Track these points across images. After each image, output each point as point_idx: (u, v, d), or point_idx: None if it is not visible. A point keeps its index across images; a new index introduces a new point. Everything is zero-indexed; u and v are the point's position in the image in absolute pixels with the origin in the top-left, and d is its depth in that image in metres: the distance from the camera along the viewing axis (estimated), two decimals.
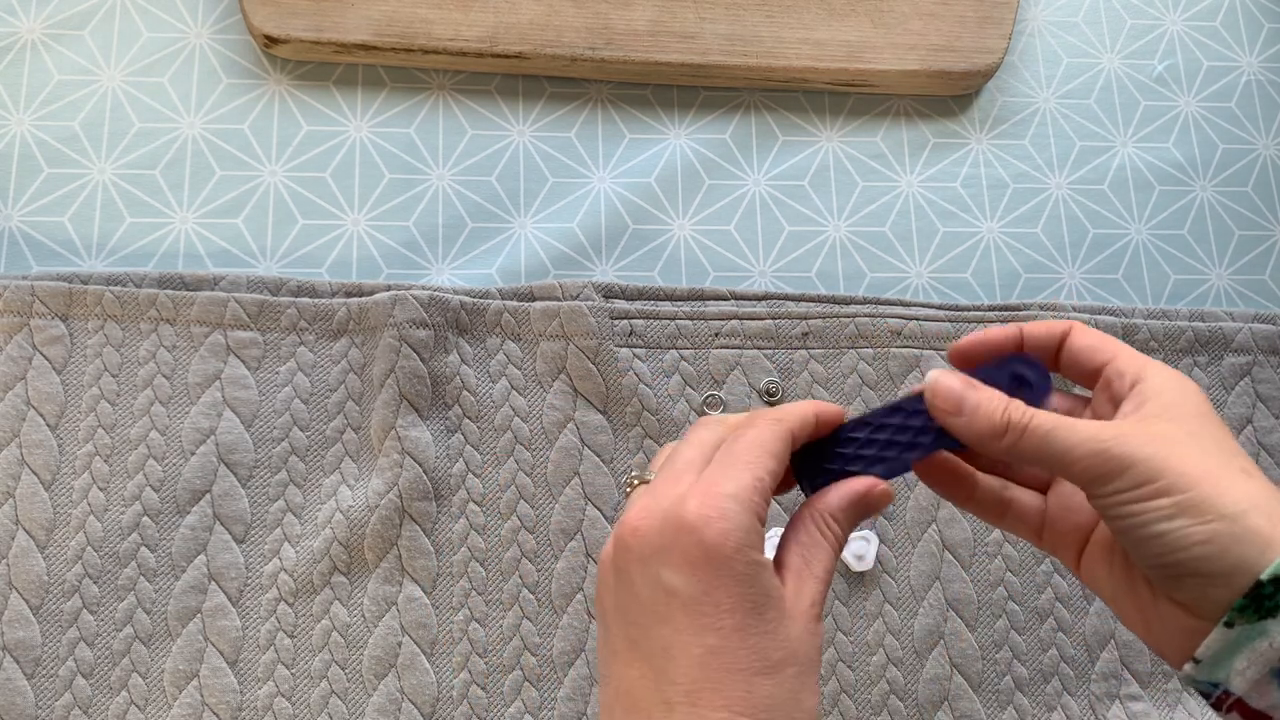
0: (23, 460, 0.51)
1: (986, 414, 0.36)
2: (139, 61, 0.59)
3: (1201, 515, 0.32)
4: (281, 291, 0.55)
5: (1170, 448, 0.34)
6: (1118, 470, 0.34)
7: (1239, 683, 0.32)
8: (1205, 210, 0.64)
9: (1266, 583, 0.31)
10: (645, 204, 0.60)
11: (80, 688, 0.49)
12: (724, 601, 0.33)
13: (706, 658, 0.33)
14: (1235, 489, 0.33)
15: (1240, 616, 0.32)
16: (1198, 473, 0.33)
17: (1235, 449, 0.34)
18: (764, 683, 0.33)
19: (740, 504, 0.34)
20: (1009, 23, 0.63)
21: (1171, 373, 0.36)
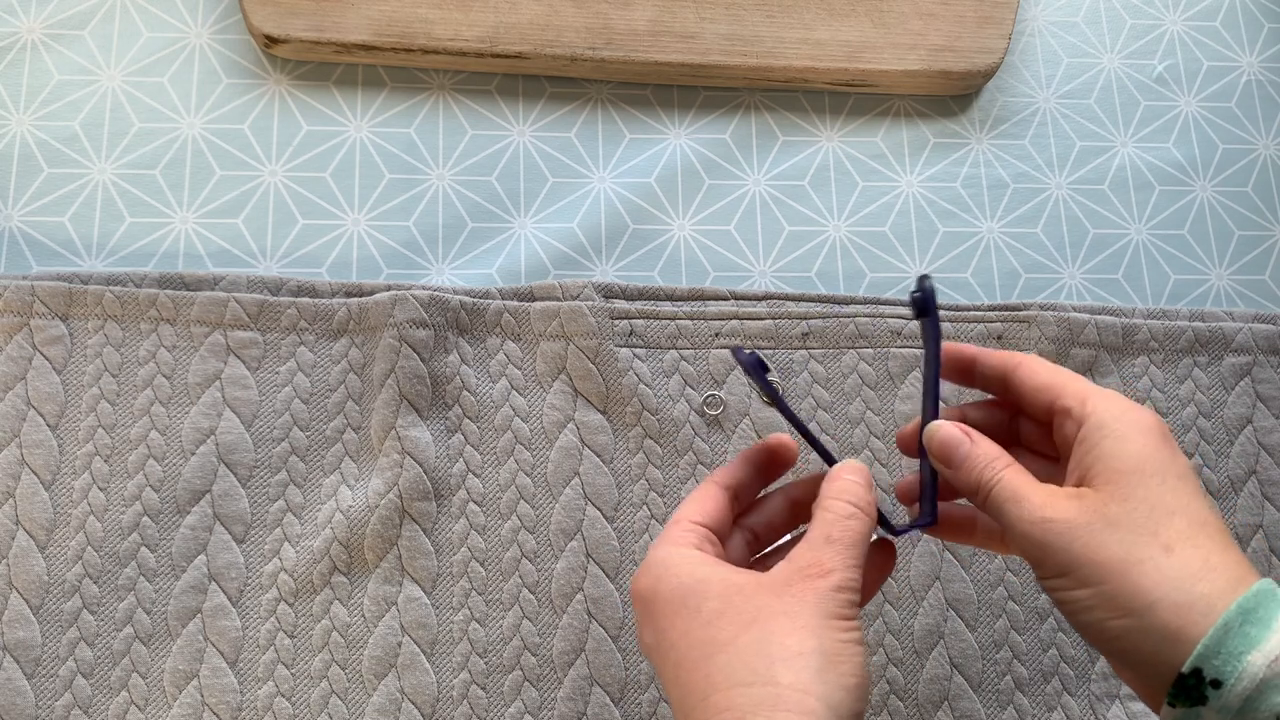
0: (23, 460, 0.51)
1: (968, 471, 0.38)
2: (139, 61, 0.59)
3: (1113, 611, 0.33)
4: (281, 291, 0.55)
5: (1090, 535, 0.34)
6: (1042, 559, 0.35)
7: None
8: (1205, 210, 0.64)
9: (1188, 674, 0.32)
10: (645, 204, 0.60)
11: (80, 688, 0.49)
12: (669, 627, 0.36)
13: (675, 673, 0.35)
14: (1147, 579, 0.33)
15: (1177, 700, 0.33)
16: (1112, 564, 0.33)
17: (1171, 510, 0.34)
18: (717, 660, 0.34)
19: (655, 548, 0.38)
20: (1009, 23, 0.63)
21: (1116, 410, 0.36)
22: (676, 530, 0.38)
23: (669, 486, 0.54)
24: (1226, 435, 0.58)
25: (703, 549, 0.38)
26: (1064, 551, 0.34)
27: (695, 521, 0.38)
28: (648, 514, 0.53)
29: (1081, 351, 0.57)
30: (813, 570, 0.35)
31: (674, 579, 0.36)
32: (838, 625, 0.34)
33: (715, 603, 0.35)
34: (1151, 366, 0.58)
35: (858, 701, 0.33)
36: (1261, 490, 0.57)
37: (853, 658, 0.34)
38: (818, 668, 0.33)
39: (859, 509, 0.37)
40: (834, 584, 0.35)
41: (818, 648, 0.33)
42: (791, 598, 0.35)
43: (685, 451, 0.54)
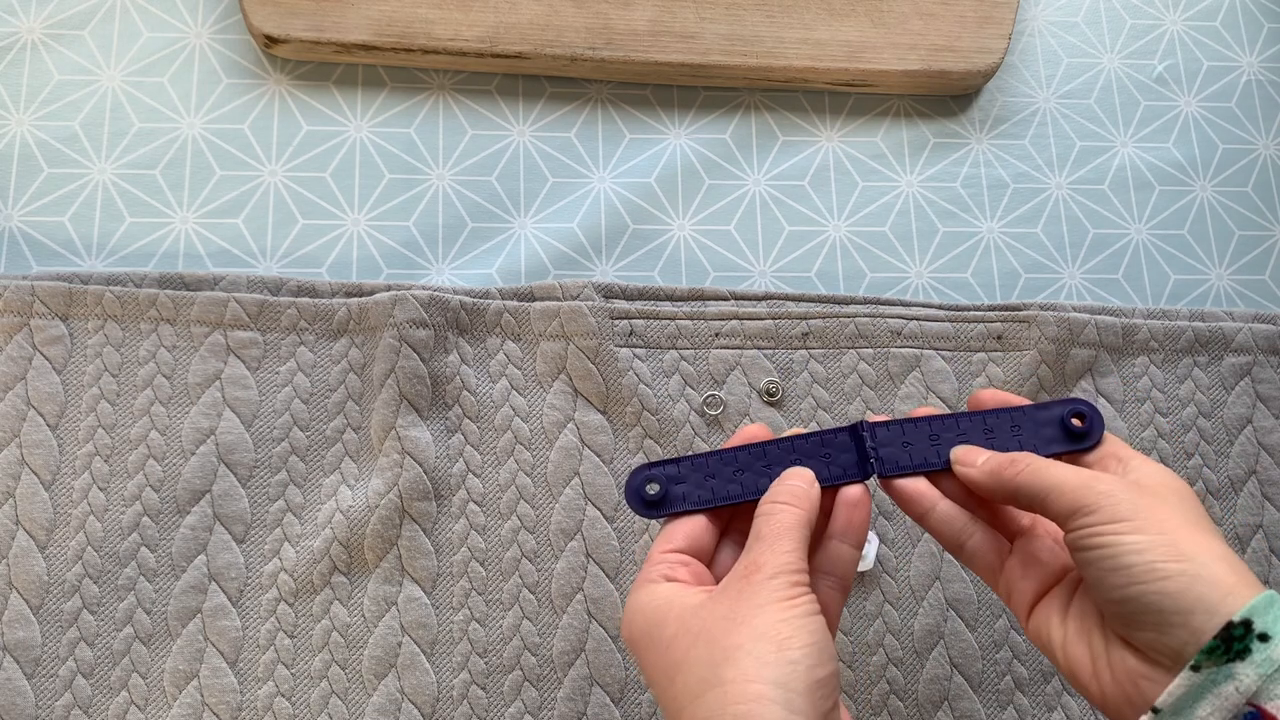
0: (23, 460, 0.51)
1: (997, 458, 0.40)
2: (139, 61, 0.59)
3: (1170, 556, 0.35)
4: (281, 291, 0.55)
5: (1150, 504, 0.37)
6: (1098, 504, 0.37)
7: None
8: (1205, 210, 0.64)
9: (1238, 624, 0.33)
10: (645, 204, 0.60)
11: (80, 688, 0.49)
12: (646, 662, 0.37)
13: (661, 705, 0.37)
14: (1203, 543, 0.35)
15: (1208, 659, 0.33)
16: (1173, 524, 0.36)
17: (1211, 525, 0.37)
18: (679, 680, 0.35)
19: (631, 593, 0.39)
20: (1009, 23, 0.63)
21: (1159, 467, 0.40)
22: (647, 568, 0.39)
23: None
24: (1226, 435, 0.58)
25: (674, 576, 0.39)
26: (1127, 501, 0.36)
27: (666, 551, 0.39)
28: None
29: (1081, 351, 0.57)
30: (746, 570, 0.37)
31: (642, 617, 0.38)
32: (776, 608, 0.35)
33: (672, 628, 0.36)
34: (1151, 366, 0.58)
35: (813, 669, 0.34)
36: (1261, 490, 0.57)
37: (797, 631, 0.35)
38: (758, 653, 0.34)
39: (785, 502, 0.39)
40: (767, 575, 0.36)
41: (754, 635, 0.34)
42: (732, 600, 0.36)
43: (685, 451, 0.54)
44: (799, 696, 0.33)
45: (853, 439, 0.42)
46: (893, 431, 0.42)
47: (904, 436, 0.42)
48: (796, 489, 0.40)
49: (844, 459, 0.42)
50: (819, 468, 0.41)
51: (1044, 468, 0.39)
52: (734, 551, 0.42)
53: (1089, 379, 0.57)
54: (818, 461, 0.41)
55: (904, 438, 0.42)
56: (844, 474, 0.41)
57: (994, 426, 0.42)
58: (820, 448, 0.42)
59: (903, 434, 0.42)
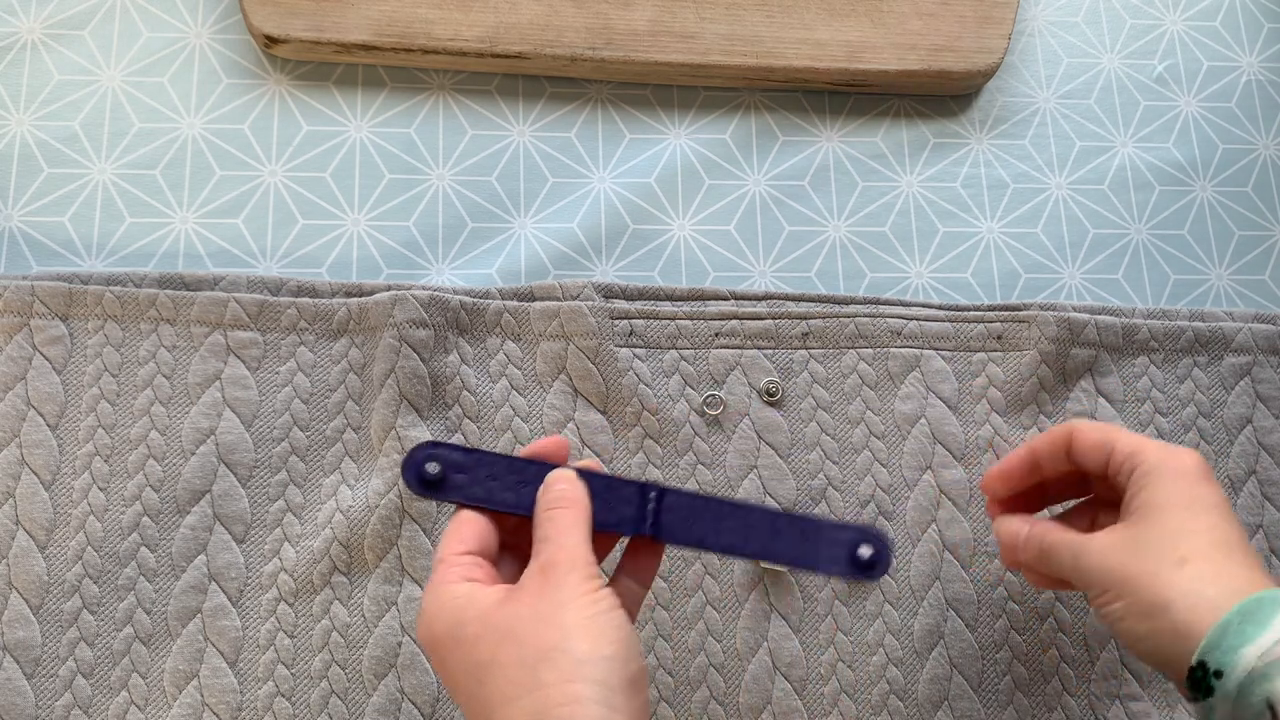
0: (23, 460, 0.51)
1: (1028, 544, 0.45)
2: (139, 61, 0.59)
3: (1139, 616, 0.38)
4: (281, 291, 0.55)
5: (1122, 555, 0.40)
6: (1087, 583, 0.41)
7: None
8: (1205, 210, 0.64)
9: (1195, 668, 0.36)
10: (645, 204, 0.60)
11: (80, 688, 0.49)
12: (448, 667, 0.36)
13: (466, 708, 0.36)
14: (1162, 587, 0.38)
15: (1194, 694, 0.36)
16: (1136, 576, 0.39)
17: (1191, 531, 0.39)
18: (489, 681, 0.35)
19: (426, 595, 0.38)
20: (1009, 23, 0.63)
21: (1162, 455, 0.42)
22: (440, 570, 0.38)
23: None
24: (1226, 435, 0.58)
25: (472, 576, 0.38)
26: (1100, 572, 0.40)
27: (457, 553, 0.39)
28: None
29: (1081, 351, 0.57)
30: (542, 568, 0.37)
31: (442, 616, 0.37)
32: (582, 602, 0.35)
33: (474, 626, 0.36)
34: (1151, 366, 0.58)
35: (627, 663, 0.34)
36: (1261, 490, 0.57)
37: (608, 625, 0.35)
38: (573, 652, 0.34)
39: (563, 506, 0.39)
40: (564, 570, 0.36)
41: (565, 633, 0.34)
42: (534, 597, 0.36)
43: (685, 451, 0.54)
44: (617, 694, 0.33)
45: (639, 496, 0.41)
46: (681, 502, 0.41)
47: (691, 512, 0.41)
48: (566, 493, 0.39)
49: (624, 511, 0.41)
50: (600, 508, 0.40)
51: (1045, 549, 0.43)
52: (513, 564, 0.41)
53: (1089, 379, 0.57)
54: (600, 502, 0.40)
55: (691, 513, 0.41)
56: (619, 525, 0.41)
57: (782, 529, 0.42)
58: (607, 490, 0.41)
59: (690, 509, 0.41)
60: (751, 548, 0.41)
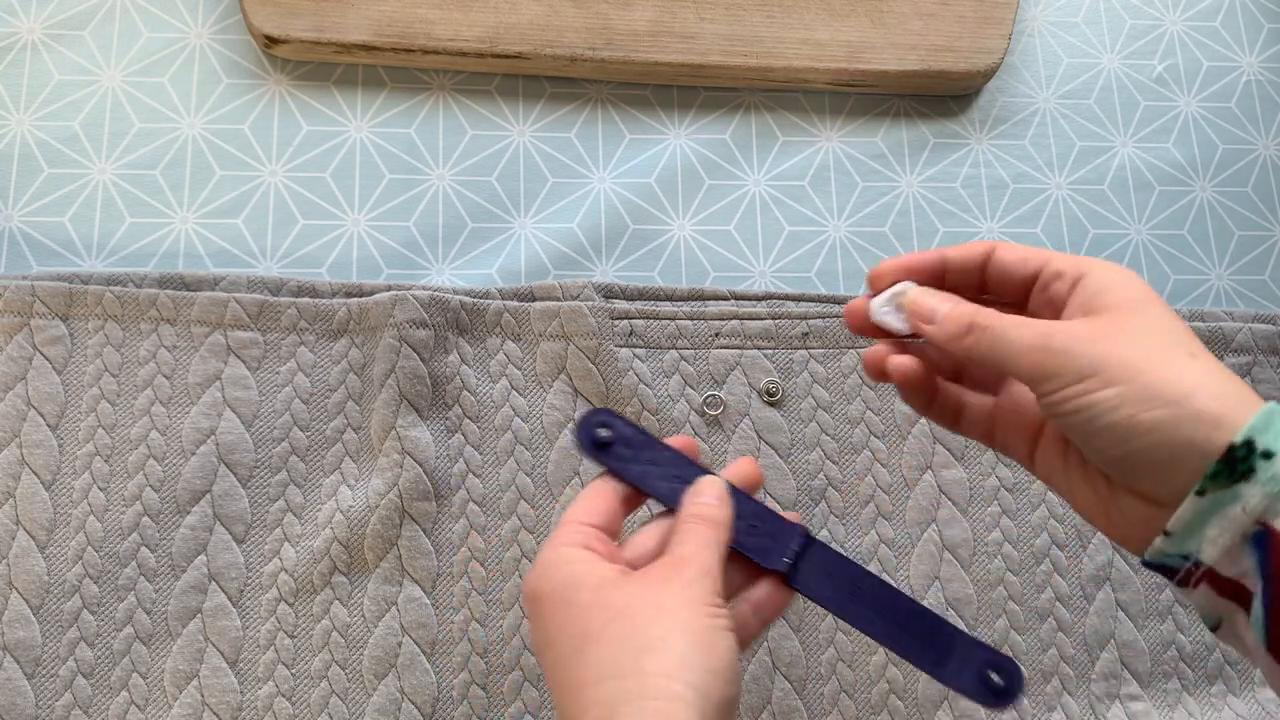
0: (23, 460, 0.51)
1: (956, 316, 0.37)
2: (139, 61, 0.59)
3: (1145, 404, 0.33)
4: (282, 291, 0.55)
5: (1113, 340, 0.34)
6: (1060, 366, 0.34)
7: (1210, 551, 0.33)
8: (1205, 210, 0.64)
9: (1240, 445, 0.32)
10: (645, 204, 0.60)
11: (80, 688, 0.49)
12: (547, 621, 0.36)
13: (553, 671, 0.36)
14: (1179, 374, 0.33)
15: (1213, 484, 0.32)
16: (1139, 362, 0.33)
17: (1182, 332, 0.35)
18: (588, 654, 0.34)
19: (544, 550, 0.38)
20: (1009, 23, 0.63)
21: (1111, 266, 0.37)
22: (564, 530, 0.38)
23: None
24: None
25: (590, 547, 0.38)
26: (1086, 355, 0.34)
27: (583, 522, 0.39)
28: (647, 514, 0.53)
29: None
30: (675, 561, 0.36)
31: (556, 575, 0.37)
32: (703, 610, 0.35)
33: (588, 594, 0.35)
34: None
35: (728, 685, 0.34)
36: None
37: (721, 642, 0.34)
38: (683, 652, 0.33)
39: (704, 518, 0.38)
40: (695, 572, 0.36)
41: (683, 631, 0.34)
42: (657, 586, 0.35)
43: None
44: (713, 709, 0.33)
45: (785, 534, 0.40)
46: (826, 557, 0.40)
47: (833, 570, 0.40)
48: (712, 510, 0.39)
49: (765, 542, 0.40)
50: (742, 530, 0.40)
51: (999, 336, 0.36)
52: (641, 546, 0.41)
53: None
54: (744, 525, 0.40)
55: (832, 572, 0.40)
56: (756, 553, 0.40)
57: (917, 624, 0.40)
58: (755, 515, 0.40)
59: (833, 568, 0.40)
60: (880, 631, 0.40)
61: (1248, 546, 0.32)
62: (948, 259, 0.40)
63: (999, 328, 0.36)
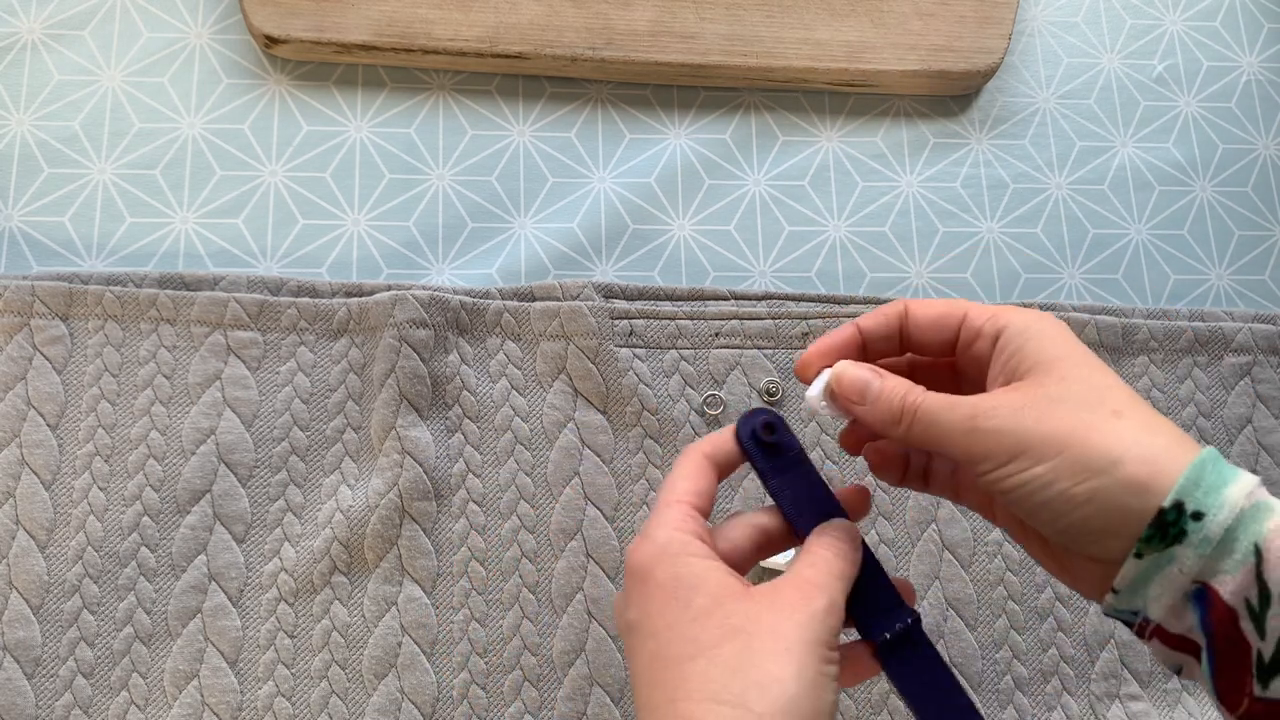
0: (23, 460, 0.51)
1: (886, 401, 0.37)
2: (139, 61, 0.59)
3: (1077, 476, 0.33)
4: (281, 291, 0.55)
5: (1038, 411, 0.34)
6: (990, 448, 0.34)
7: (1155, 609, 0.33)
8: (1205, 210, 0.64)
9: (1169, 509, 0.32)
10: (645, 204, 0.60)
11: (80, 688, 0.49)
12: (654, 609, 0.35)
13: (651, 663, 0.34)
14: (1105, 439, 0.33)
15: (1147, 547, 0.32)
16: (1065, 433, 0.33)
17: (1105, 388, 0.34)
18: (697, 663, 0.33)
19: (656, 527, 0.36)
20: (1009, 23, 0.63)
21: (1029, 317, 0.37)
22: (676, 511, 0.37)
23: None
24: (1226, 435, 0.58)
25: (702, 537, 0.37)
26: (1013, 434, 0.34)
27: (692, 505, 0.37)
28: (648, 514, 0.53)
29: None
30: (806, 587, 0.35)
31: (672, 565, 0.35)
32: (820, 654, 0.33)
33: (705, 600, 0.34)
34: (1151, 366, 0.58)
35: None
36: None
37: (828, 695, 0.33)
38: (791, 697, 0.32)
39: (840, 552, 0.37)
40: (824, 605, 0.34)
41: (797, 676, 0.33)
42: (780, 612, 0.34)
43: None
44: None
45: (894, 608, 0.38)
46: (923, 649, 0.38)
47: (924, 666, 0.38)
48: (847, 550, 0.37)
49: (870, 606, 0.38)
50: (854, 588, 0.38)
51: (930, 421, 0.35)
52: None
53: None
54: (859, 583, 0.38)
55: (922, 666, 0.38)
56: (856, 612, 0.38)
57: None
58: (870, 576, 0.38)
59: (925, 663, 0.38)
60: None
61: (1190, 604, 0.32)
62: (863, 329, 0.40)
63: (929, 411, 0.36)
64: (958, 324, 0.38)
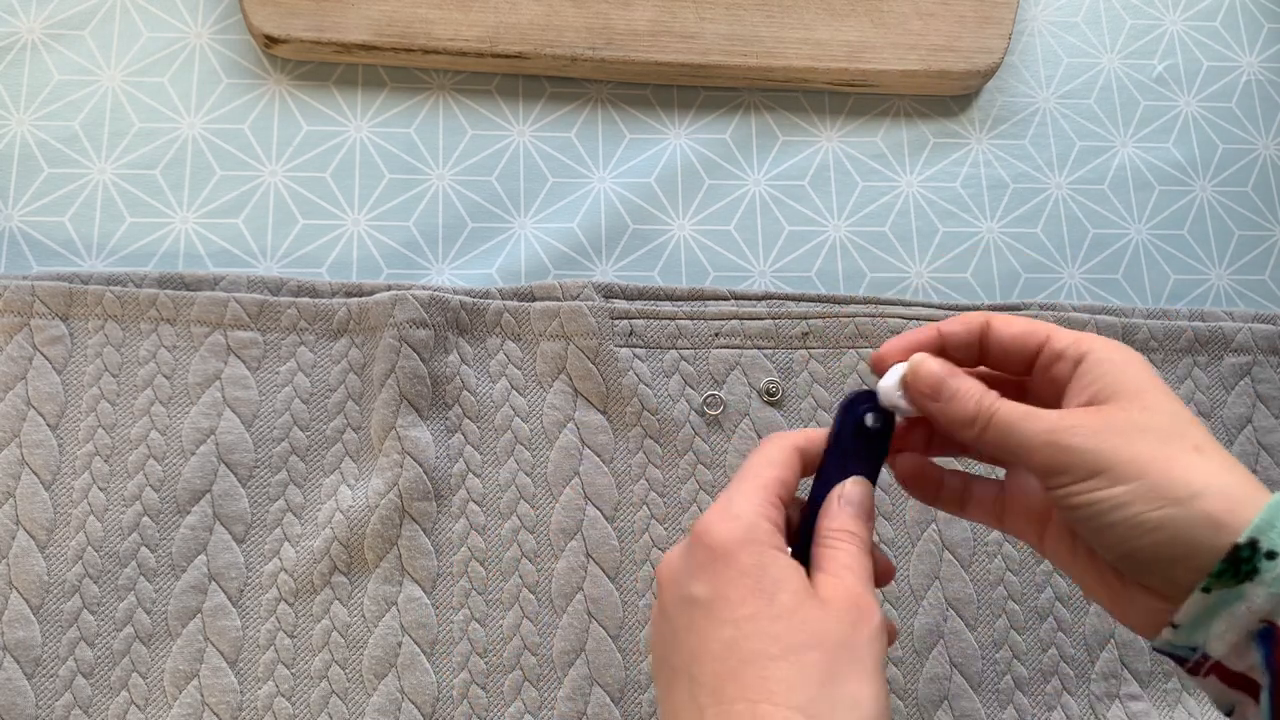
0: (23, 460, 0.51)
1: (962, 401, 0.37)
2: (139, 61, 0.59)
3: (1153, 502, 0.33)
4: (281, 291, 0.55)
5: (1120, 434, 0.34)
6: (1069, 463, 0.34)
7: (1217, 646, 0.33)
8: (1205, 210, 0.64)
9: (1244, 545, 0.32)
10: (645, 204, 0.60)
11: (80, 688, 0.49)
12: (733, 595, 0.34)
13: (724, 651, 0.33)
14: (1185, 471, 0.33)
15: (1217, 582, 0.32)
16: (1145, 460, 0.33)
17: (1187, 422, 0.35)
18: (780, 666, 0.32)
19: (742, 506, 0.35)
20: (1009, 23, 0.63)
21: (1112, 346, 0.37)
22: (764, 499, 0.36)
23: (669, 486, 0.54)
24: (1226, 435, 0.58)
25: (780, 528, 0.36)
26: (1094, 452, 0.34)
27: (779, 495, 0.37)
28: (648, 514, 0.53)
29: None
30: (864, 608, 0.35)
31: (758, 554, 0.35)
32: (883, 677, 0.34)
33: (789, 599, 0.34)
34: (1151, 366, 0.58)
35: None
36: None
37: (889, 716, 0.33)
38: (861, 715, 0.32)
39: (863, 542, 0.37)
40: (878, 624, 0.34)
41: (874, 698, 0.32)
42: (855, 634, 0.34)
43: (685, 451, 0.54)
44: None
45: None
46: None
47: None
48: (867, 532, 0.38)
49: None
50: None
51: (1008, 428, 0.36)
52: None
53: None
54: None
55: None
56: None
57: None
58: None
59: None
60: None
61: (1254, 643, 0.32)
62: (944, 333, 0.40)
63: (1006, 417, 0.36)
64: (1039, 345, 0.38)
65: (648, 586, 0.52)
